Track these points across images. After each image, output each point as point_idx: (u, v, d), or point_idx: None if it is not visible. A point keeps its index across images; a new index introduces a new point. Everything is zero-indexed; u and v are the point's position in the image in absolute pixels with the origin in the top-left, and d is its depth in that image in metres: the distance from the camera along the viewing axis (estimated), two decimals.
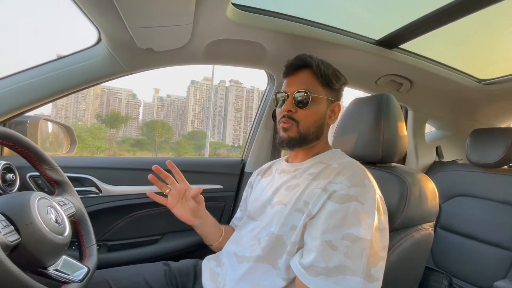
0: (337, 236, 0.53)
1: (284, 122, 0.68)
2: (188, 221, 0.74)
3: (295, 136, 0.67)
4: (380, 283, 0.53)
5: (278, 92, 0.71)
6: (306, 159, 0.70)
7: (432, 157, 1.55)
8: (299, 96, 0.66)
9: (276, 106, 0.72)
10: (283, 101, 0.69)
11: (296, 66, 0.69)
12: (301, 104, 0.66)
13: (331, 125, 0.74)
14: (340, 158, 0.67)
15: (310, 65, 0.67)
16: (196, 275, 0.79)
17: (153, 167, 0.70)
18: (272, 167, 0.83)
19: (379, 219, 0.55)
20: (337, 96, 0.72)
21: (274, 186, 0.72)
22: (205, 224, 0.77)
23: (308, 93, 0.66)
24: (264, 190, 0.75)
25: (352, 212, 0.54)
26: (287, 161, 0.76)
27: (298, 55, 0.70)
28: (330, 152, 0.71)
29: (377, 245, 0.53)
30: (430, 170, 1.48)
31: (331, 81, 0.68)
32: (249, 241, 0.69)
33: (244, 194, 0.89)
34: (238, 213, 0.89)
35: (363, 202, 0.55)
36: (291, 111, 0.67)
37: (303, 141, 0.67)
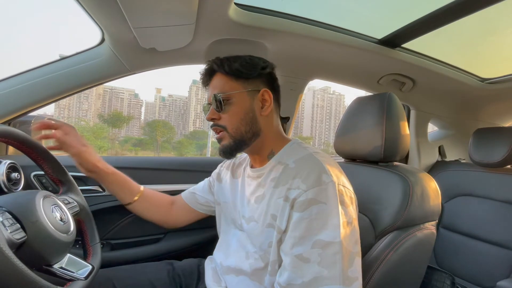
0: (307, 246, 0.51)
1: (216, 132, 0.66)
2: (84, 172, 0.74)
3: (229, 142, 0.64)
4: (360, 281, 0.52)
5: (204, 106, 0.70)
6: (265, 163, 0.66)
7: (435, 157, 1.54)
8: (214, 100, 0.63)
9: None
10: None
11: (206, 75, 0.68)
12: (219, 107, 0.63)
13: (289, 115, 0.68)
14: (295, 154, 0.62)
15: (215, 69, 0.66)
16: (200, 274, 0.80)
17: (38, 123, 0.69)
18: (242, 164, 0.77)
19: (346, 213, 0.53)
20: (261, 84, 0.66)
21: (245, 195, 0.69)
22: (103, 181, 0.77)
23: (219, 95, 0.63)
24: (238, 197, 0.71)
25: (316, 216, 0.51)
26: (251, 165, 0.72)
27: (206, 62, 0.68)
28: (287, 148, 0.66)
29: (348, 244, 0.51)
30: (433, 170, 1.48)
31: (242, 73, 0.64)
32: (236, 251, 0.67)
33: (212, 181, 0.85)
34: (199, 188, 0.86)
35: (325, 201, 0.52)
36: (215, 118, 0.65)
37: (241, 143, 0.64)
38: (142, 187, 0.83)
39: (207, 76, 0.68)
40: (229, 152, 0.64)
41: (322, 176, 0.54)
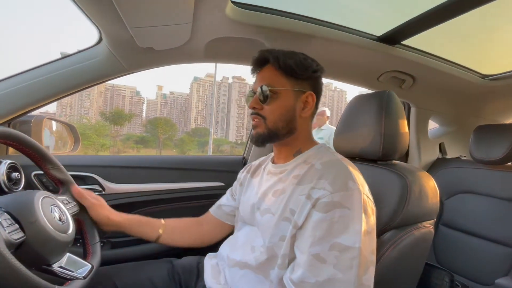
0: (325, 247, 0.51)
1: (253, 119, 0.68)
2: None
3: (263, 132, 0.65)
4: None
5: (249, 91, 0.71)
6: (290, 159, 0.68)
7: (435, 154, 1.54)
8: (260, 91, 0.65)
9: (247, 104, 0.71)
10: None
11: (258, 63, 0.69)
12: (264, 99, 0.65)
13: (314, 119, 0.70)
14: (323, 157, 0.64)
15: (269, 60, 0.66)
16: (199, 272, 0.80)
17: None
18: (262, 164, 0.80)
19: (367, 222, 0.54)
20: (308, 86, 0.67)
21: (262, 189, 0.69)
22: (122, 230, 0.77)
23: (268, 87, 0.64)
24: (253, 193, 0.73)
25: (338, 219, 0.52)
26: (273, 161, 0.74)
27: (260, 51, 0.68)
28: (314, 149, 0.67)
29: (366, 251, 0.52)
30: (433, 167, 1.47)
31: (294, 71, 0.64)
32: (242, 245, 0.68)
33: (234, 187, 0.86)
34: (224, 200, 0.87)
35: (349, 207, 0.52)
36: (256, 107, 0.66)
37: (274, 136, 0.66)
38: (162, 220, 0.82)
39: (258, 65, 0.69)
40: (261, 140, 0.66)
41: (349, 182, 0.55)
